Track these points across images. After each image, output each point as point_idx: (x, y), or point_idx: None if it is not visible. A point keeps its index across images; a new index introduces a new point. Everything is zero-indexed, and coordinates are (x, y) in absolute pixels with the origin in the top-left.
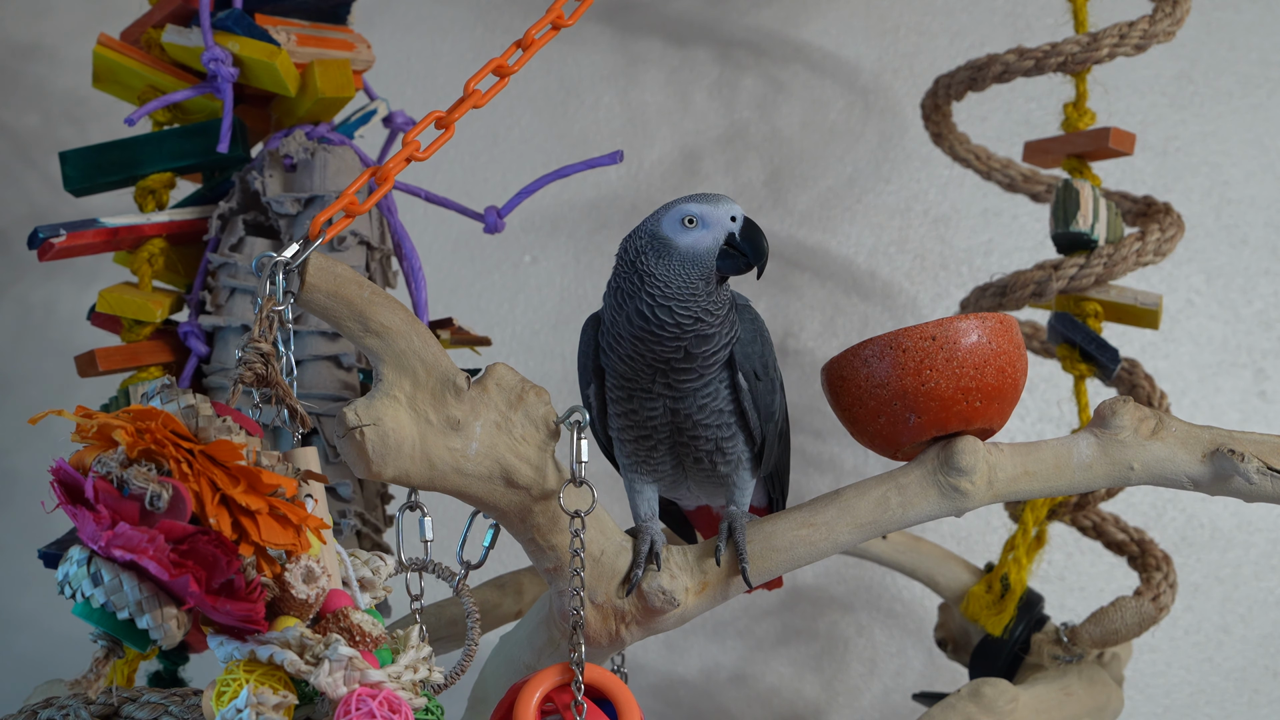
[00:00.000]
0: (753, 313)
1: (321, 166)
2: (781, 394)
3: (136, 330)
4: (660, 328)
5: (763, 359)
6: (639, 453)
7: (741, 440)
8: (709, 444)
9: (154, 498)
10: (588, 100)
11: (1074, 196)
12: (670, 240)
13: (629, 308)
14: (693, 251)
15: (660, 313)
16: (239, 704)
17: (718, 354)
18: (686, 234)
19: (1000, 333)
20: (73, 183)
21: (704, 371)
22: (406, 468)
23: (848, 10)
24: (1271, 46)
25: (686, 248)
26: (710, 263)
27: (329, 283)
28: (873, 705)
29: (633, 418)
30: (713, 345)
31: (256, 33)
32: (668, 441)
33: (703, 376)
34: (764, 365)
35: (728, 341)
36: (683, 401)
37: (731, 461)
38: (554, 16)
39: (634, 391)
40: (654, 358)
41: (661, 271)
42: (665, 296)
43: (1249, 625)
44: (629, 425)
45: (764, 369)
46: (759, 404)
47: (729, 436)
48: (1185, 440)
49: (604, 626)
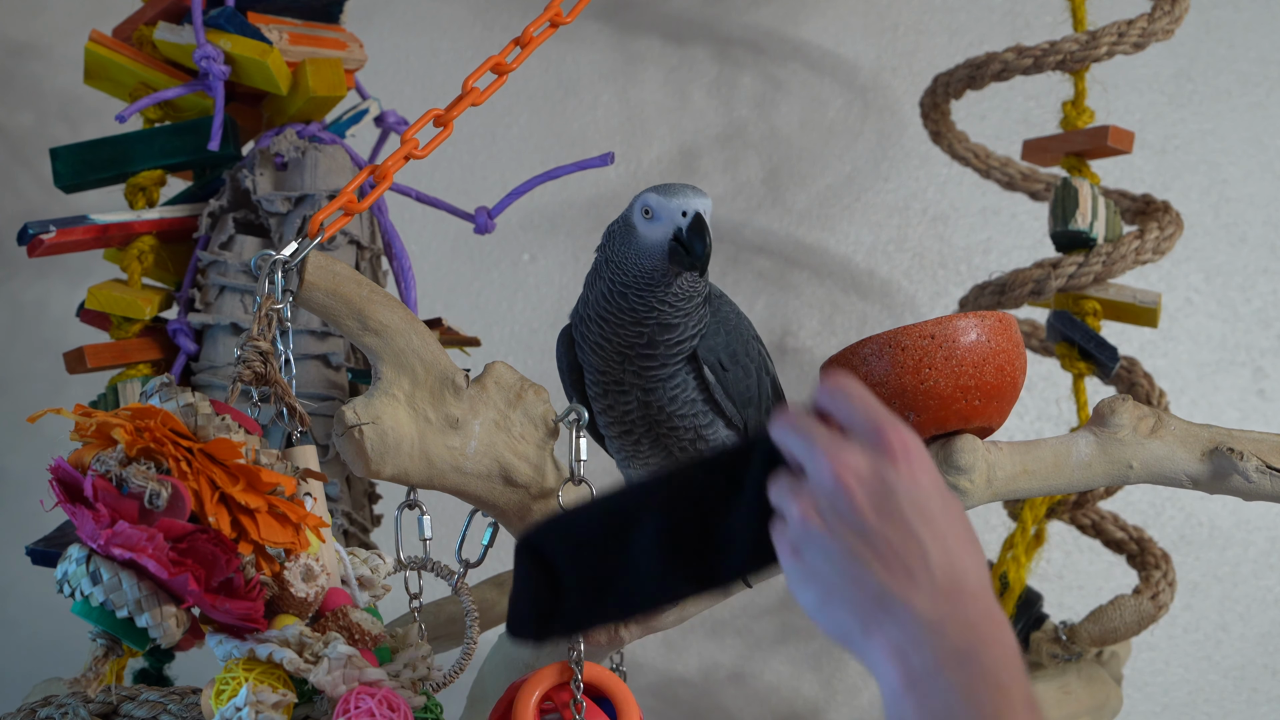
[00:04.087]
0: (719, 302)
1: (312, 165)
2: (764, 375)
3: (126, 327)
4: (620, 311)
5: (728, 349)
6: (625, 447)
7: (722, 426)
8: (689, 433)
9: (153, 496)
10: (586, 98)
11: (1073, 195)
12: (634, 228)
13: (598, 288)
14: (647, 242)
15: (618, 298)
16: (238, 702)
17: (683, 344)
18: (645, 224)
19: (999, 331)
20: (63, 179)
21: (668, 361)
22: (405, 466)
23: (846, 9)
24: (1270, 45)
25: (643, 237)
26: (662, 255)
27: (328, 281)
28: (872, 704)
29: (611, 414)
30: (677, 334)
31: (248, 31)
32: (649, 435)
33: (667, 366)
34: (730, 355)
35: (695, 333)
36: (654, 394)
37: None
38: (552, 14)
39: (609, 387)
40: (620, 342)
41: (621, 258)
42: (624, 284)
43: (1248, 624)
44: (611, 421)
45: (731, 359)
46: (731, 393)
47: (707, 424)
48: (1184, 439)
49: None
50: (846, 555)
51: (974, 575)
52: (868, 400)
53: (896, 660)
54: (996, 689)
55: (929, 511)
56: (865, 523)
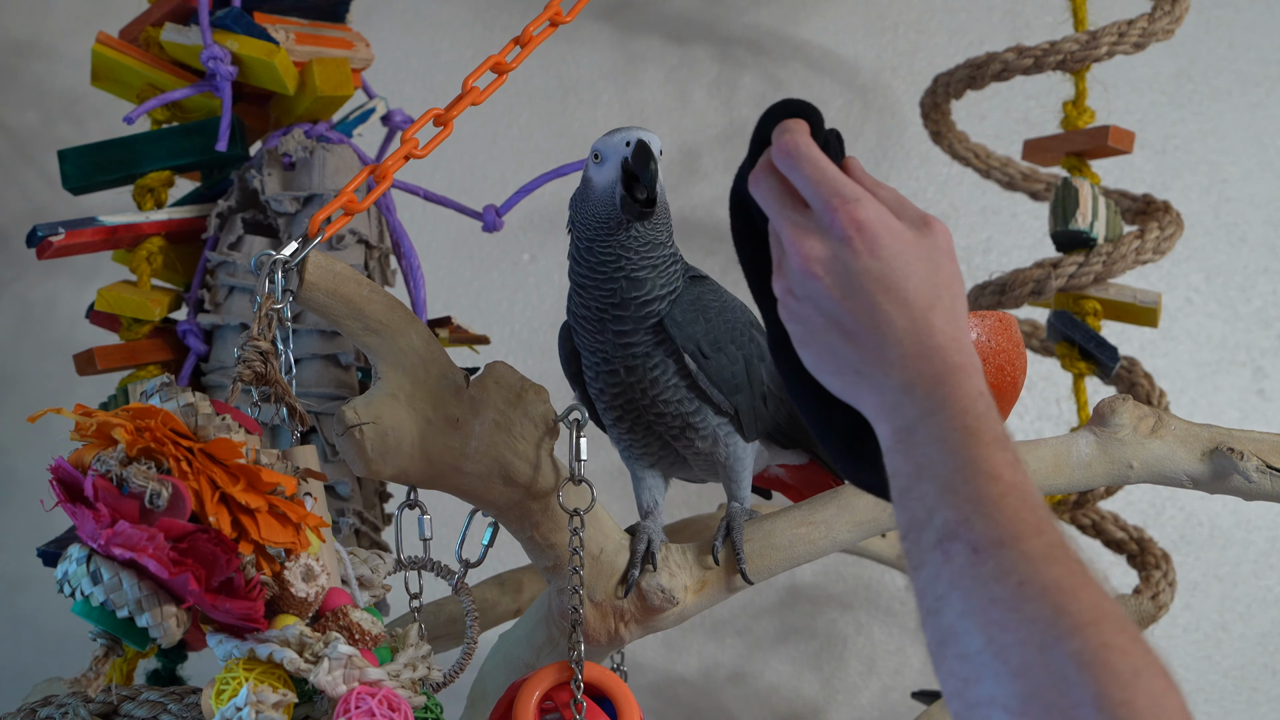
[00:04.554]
0: (700, 289)
1: (320, 165)
2: (755, 363)
3: (135, 329)
4: (591, 270)
5: (709, 336)
6: (623, 436)
7: (710, 413)
8: (677, 420)
9: (153, 496)
10: (586, 98)
11: (1073, 194)
12: (589, 180)
13: (571, 252)
14: (599, 188)
15: (586, 254)
16: (238, 702)
17: (651, 304)
18: (595, 170)
19: (999, 331)
20: (71, 181)
21: (639, 325)
22: (405, 466)
23: (847, 8)
24: (1270, 45)
25: (595, 185)
26: (613, 199)
27: (328, 281)
28: (871, 703)
29: (604, 398)
30: (644, 291)
31: (255, 31)
32: (641, 422)
33: (639, 334)
34: (712, 343)
35: (665, 295)
36: (636, 373)
37: (708, 437)
38: (552, 14)
39: (600, 369)
40: (596, 306)
41: (582, 214)
42: (589, 239)
43: (1248, 623)
44: (605, 407)
45: (713, 346)
46: (715, 380)
47: (694, 411)
48: (1184, 438)
49: (603, 625)
50: (823, 333)
51: (940, 324)
52: (815, 169)
53: (883, 420)
54: (965, 432)
55: (889, 280)
56: (835, 306)
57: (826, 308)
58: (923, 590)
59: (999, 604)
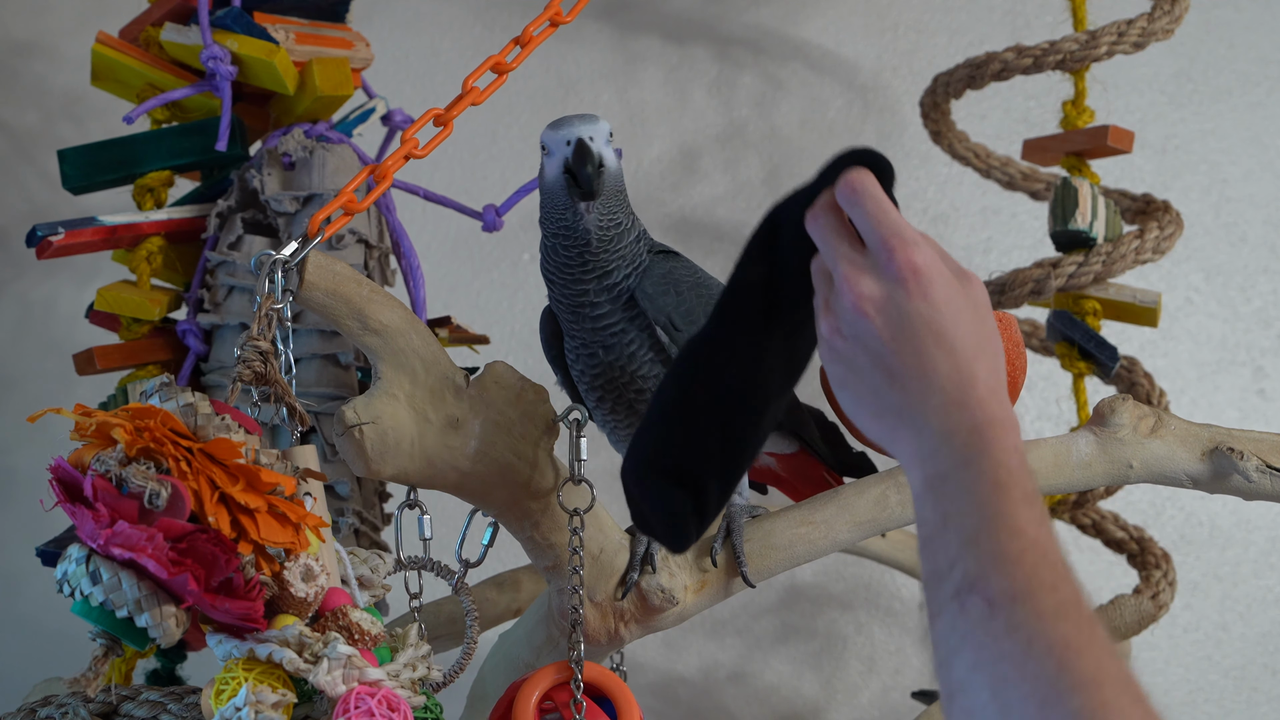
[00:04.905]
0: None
1: (320, 165)
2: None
3: (135, 328)
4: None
5: (681, 309)
6: (607, 418)
7: None
8: None
9: (153, 496)
10: (586, 98)
11: (1073, 194)
12: (542, 169)
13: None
14: (549, 179)
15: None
16: (238, 702)
17: (614, 278)
18: (546, 161)
19: (999, 331)
20: (71, 181)
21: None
22: (405, 466)
23: (846, 8)
24: (1270, 45)
25: (546, 176)
26: (561, 188)
27: (328, 280)
28: (871, 703)
29: (584, 379)
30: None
31: (255, 31)
32: (622, 401)
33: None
34: (685, 315)
35: (629, 270)
36: (613, 351)
37: None
38: (552, 14)
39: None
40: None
41: (543, 203)
42: (551, 227)
43: (1248, 623)
44: (588, 389)
45: (686, 319)
46: None
47: None
48: (1184, 438)
49: (603, 625)
50: (868, 374)
51: (983, 376)
52: (879, 210)
53: (916, 465)
54: (995, 486)
55: (939, 326)
56: (883, 347)
57: (874, 349)
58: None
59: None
